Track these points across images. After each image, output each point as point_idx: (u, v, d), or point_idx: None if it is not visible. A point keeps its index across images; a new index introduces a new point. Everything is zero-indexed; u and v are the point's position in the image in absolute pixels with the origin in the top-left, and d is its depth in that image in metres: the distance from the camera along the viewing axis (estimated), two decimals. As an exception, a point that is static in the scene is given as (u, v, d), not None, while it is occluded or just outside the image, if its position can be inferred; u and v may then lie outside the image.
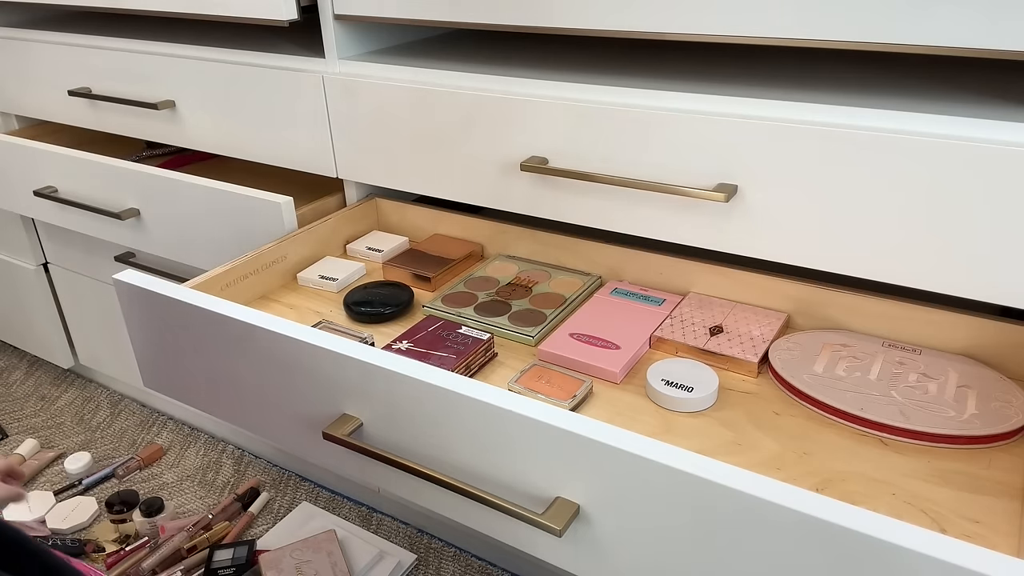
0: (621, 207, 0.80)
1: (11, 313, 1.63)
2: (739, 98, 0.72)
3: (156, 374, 0.82)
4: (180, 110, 1.12)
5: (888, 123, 0.66)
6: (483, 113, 0.85)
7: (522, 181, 0.86)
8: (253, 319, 0.69)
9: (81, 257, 1.40)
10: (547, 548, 0.60)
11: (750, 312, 0.81)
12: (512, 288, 0.89)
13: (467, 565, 1.20)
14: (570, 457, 0.55)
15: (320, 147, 1.00)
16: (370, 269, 0.97)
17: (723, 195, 0.71)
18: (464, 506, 0.64)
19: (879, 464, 0.62)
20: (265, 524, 1.30)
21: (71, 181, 1.17)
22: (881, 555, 0.44)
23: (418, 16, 0.86)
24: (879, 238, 0.68)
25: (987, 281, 0.65)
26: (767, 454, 0.64)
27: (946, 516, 0.57)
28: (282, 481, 1.39)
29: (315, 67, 0.96)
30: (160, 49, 1.11)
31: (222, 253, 1.03)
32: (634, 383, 0.74)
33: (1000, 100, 0.69)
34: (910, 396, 0.67)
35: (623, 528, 0.55)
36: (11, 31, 1.28)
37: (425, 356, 0.75)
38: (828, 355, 0.74)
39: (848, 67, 0.82)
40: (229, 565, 1.17)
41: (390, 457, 0.63)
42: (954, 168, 0.63)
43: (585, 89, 0.80)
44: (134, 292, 0.77)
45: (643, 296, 0.85)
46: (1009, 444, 0.64)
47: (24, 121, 1.40)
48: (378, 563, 1.19)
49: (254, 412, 0.75)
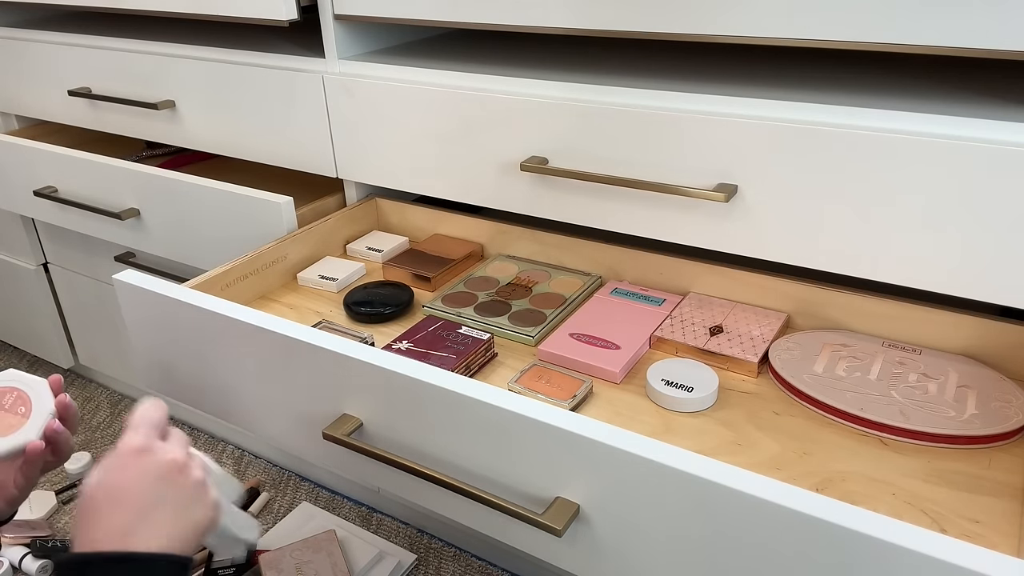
0: (621, 207, 0.80)
1: (11, 313, 1.63)
2: (739, 98, 0.72)
3: (156, 374, 0.82)
4: (180, 110, 1.12)
5: (888, 123, 0.66)
6: (483, 113, 0.85)
7: (522, 181, 0.86)
8: (253, 319, 0.69)
9: (81, 257, 1.40)
10: (547, 548, 0.60)
11: (750, 312, 0.81)
12: (512, 288, 0.89)
13: (467, 565, 1.20)
14: (570, 457, 0.55)
15: (320, 147, 1.00)
16: (370, 269, 0.97)
17: (723, 195, 0.71)
18: (464, 506, 0.64)
19: (879, 464, 0.62)
20: (265, 524, 1.30)
21: (71, 181, 1.17)
22: (881, 555, 0.44)
23: (418, 16, 0.86)
24: (879, 238, 0.68)
25: (987, 281, 0.65)
26: (767, 454, 0.64)
27: (946, 516, 0.57)
28: (282, 481, 1.39)
29: (315, 67, 0.96)
30: (160, 49, 1.11)
31: (222, 253, 1.03)
32: (634, 383, 0.74)
33: (1000, 100, 0.69)
34: (910, 396, 0.67)
35: (623, 528, 0.55)
36: (11, 31, 1.28)
37: (425, 356, 0.75)
38: (828, 355, 0.74)
39: (848, 67, 0.82)
40: (229, 565, 1.17)
41: (390, 457, 0.63)
42: (954, 168, 0.63)
43: (585, 89, 0.80)
44: (134, 292, 0.77)
45: (643, 296, 0.85)
46: (1009, 444, 0.64)
47: (24, 121, 1.40)
48: (378, 563, 1.19)
49: (254, 412, 0.75)
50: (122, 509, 0.56)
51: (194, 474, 0.60)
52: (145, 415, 0.61)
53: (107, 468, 0.57)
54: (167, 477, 0.58)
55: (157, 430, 0.61)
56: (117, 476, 0.57)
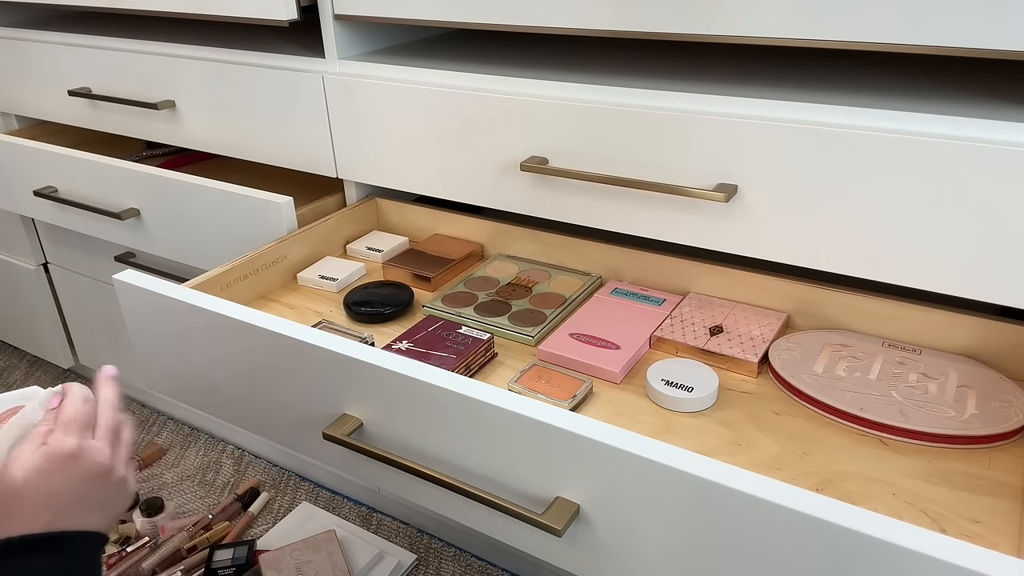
0: (621, 207, 0.80)
1: (11, 313, 1.63)
2: (739, 98, 0.72)
3: (156, 374, 0.82)
4: (180, 110, 1.12)
5: (888, 123, 0.66)
6: (483, 113, 0.85)
7: (522, 181, 0.86)
8: (253, 319, 0.69)
9: (81, 257, 1.40)
10: (547, 548, 0.60)
11: (750, 312, 0.81)
12: (512, 288, 0.89)
13: (467, 565, 1.20)
14: (570, 457, 0.55)
15: (320, 147, 1.00)
16: (370, 269, 0.97)
17: (723, 195, 0.71)
18: (464, 506, 0.64)
19: (879, 464, 0.62)
20: (265, 524, 1.30)
21: (71, 181, 1.17)
22: (881, 555, 0.44)
23: (418, 16, 0.86)
24: (879, 238, 0.68)
25: (987, 281, 0.65)
26: (767, 454, 0.64)
27: (946, 516, 0.57)
28: (282, 481, 1.39)
29: (315, 67, 0.96)
30: (160, 49, 1.11)
31: (222, 253, 1.03)
32: (634, 383, 0.74)
33: (1000, 100, 0.69)
34: (910, 396, 0.67)
35: (623, 528, 0.55)
36: (11, 31, 1.28)
37: (425, 356, 0.75)
38: (828, 355, 0.74)
39: (848, 67, 0.82)
40: (229, 565, 1.17)
41: (390, 457, 0.63)
42: (954, 168, 0.63)
43: (585, 89, 0.80)
44: (134, 292, 0.77)
45: (643, 296, 0.85)
46: (1009, 444, 0.64)
47: (24, 121, 1.40)
48: (378, 563, 1.19)
49: (254, 412, 0.75)
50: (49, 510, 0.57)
51: (117, 473, 0.62)
52: (77, 413, 0.62)
53: (36, 468, 0.58)
54: (94, 481, 0.60)
55: (88, 429, 0.62)
56: (46, 480, 0.58)
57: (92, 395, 0.65)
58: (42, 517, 0.57)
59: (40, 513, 0.57)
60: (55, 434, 0.60)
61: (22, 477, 0.57)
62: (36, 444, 0.59)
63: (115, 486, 0.61)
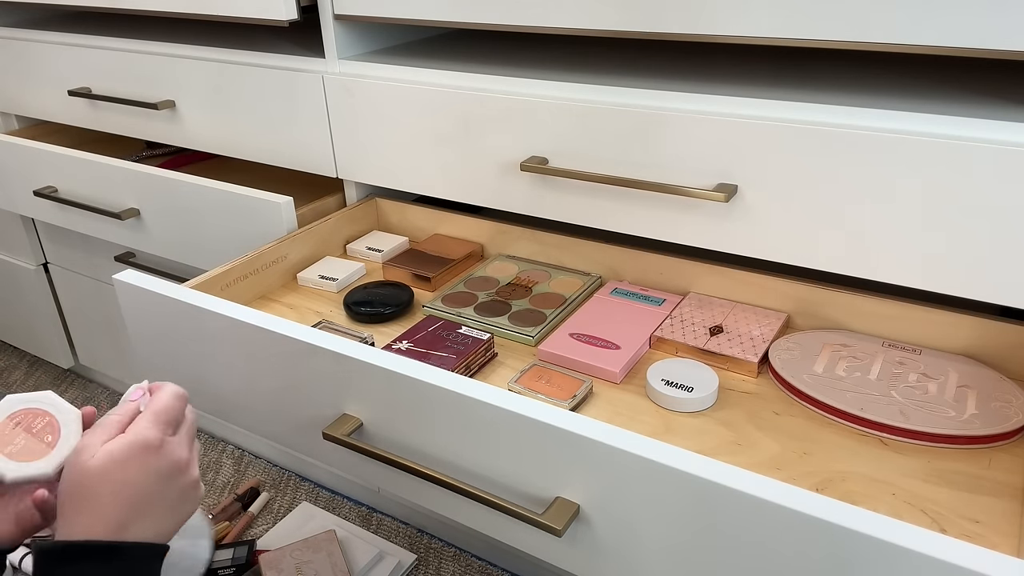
0: (621, 207, 0.80)
1: (11, 313, 1.63)
2: (739, 98, 0.72)
3: (156, 374, 0.82)
4: (180, 110, 1.12)
5: (888, 123, 0.66)
6: (483, 113, 0.85)
7: (522, 181, 0.86)
8: (253, 319, 0.69)
9: (81, 257, 1.40)
10: (547, 548, 0.60)
11: (750, 312, 0.81)
12: (512, 288, 0.89)
13: (467, 565, 1.20)
14: (570, 457, 0.55)
15: (320, 147, 1.00)
16: (370, 269, 0.97)
17: (723, 195, 0.71)
18: (464, 506, 0.64)
19: (879, 464, 0.62)
20: (265, 524, 1.30)
21: (71, 181, 1.17)
22: (881, 555, 0.44)
23: (418, 16, 0.86)
24: (879, 238, 0.68)
25: (987, 281, 0.65)
26: (767, 454, 0.64)
27: (946, 516, 0.57)
28: (282, 481, 1.39)
29: (315, 67, 0.96)
30: (160, 49, 1.11)
31: (222, 253, 1.03)
32: (634, 383, 0.74)
33: (1000, 100, 0.69)
34: (910, 396, 0.67)
35: (623, 528, 0.55)
36: (11, 31, 1.28)
37: (425, 356, 0.75)
38: (828, 355, 0.74)
39: (848, 67, 0.82)
40: (229, 565, 1.17)
41: (390, 457, 0.63)
42: (954, 168, 0.63)
43: (585, 89, 0.80)
44: (134, 292, 0.77)
45: (643, 296, 0.85)
46: (1009, 444, 0.64)
47: (24, 121, 1.40)
48: (378, 563, 1.19)
49: (254, 412, 0.75)
50: (122, 502, 0.55)
51: (192, 473, 0.60)
52: (169, 408, 0.60)
53: (114, 457, 0.55)
54: (170, 476, 0.58)
55: (172, 426, 0.61)
56: (123, 469, 0.56)
57: (186, 393, 0.63)
58: (114, 513, 0.55)
59: (112, 508, 0.55)
60: (140, 423, 0.58)
61: (97, 466, 0.55)
62: (110, 432, 0.57)
63: (189, 487, 0.59)
